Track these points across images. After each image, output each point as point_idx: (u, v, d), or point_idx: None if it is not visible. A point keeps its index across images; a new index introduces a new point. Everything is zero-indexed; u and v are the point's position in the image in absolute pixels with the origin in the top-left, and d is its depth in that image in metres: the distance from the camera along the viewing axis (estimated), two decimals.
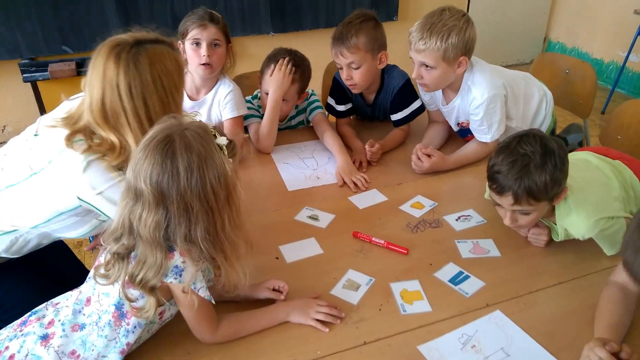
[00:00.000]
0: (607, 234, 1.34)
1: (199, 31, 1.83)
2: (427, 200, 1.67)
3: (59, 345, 1.03)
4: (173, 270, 1.00)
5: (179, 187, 0.96)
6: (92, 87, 1.23)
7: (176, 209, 0.97)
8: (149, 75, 1.22)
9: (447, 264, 1.38)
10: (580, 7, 4.83)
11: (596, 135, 3.66)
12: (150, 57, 1.23)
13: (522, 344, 1.13)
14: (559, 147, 1.27)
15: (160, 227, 0.98)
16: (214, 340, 1.13)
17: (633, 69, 4.39)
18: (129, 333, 1.05)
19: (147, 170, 0.96)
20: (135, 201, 0.99)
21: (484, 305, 1.24)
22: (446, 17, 1.64)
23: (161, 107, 1.24)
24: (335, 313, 1.20)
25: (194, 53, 1.86)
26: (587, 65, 2.36)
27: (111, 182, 1.24)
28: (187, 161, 0.96)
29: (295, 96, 2.02)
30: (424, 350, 1.12)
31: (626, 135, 1.99)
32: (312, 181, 1.80)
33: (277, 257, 1.42)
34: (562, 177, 1.26)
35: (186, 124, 1.02)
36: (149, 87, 1.22)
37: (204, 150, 0.98)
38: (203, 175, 0.97)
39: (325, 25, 4.06)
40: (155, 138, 0.98)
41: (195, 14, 1.86)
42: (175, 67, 1.28)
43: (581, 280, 1.32)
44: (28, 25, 3.36)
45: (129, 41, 1.23)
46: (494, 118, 1.79)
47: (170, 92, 1.27)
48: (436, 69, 1.69)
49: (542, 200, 1.26)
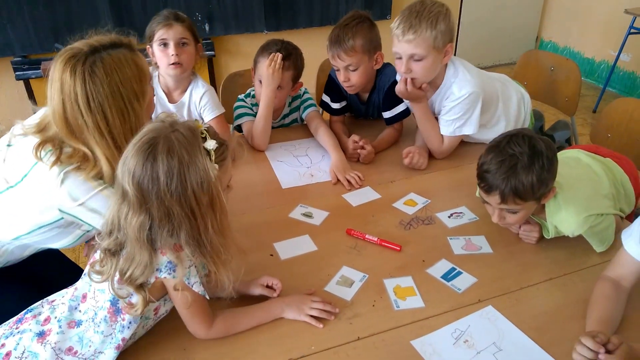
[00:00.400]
0: (596, 231, 1.36)
1: (165, 31, 1.83)
2: (419, 197, 1.68)
3: (56, 342, 1.03)
4: (167, 265, 1.01)
5: (159, 190, 0.96)
6: (52, 101, 1.20)
7: (157, 212, 0.97)
8: (107, 86, 1.18)
9: (440, 261, 1.39)
10: (572, 7, 4.87)
11: (587, 134, 3.71)
12: (106, 67, 1.19)
13: (514, 338, 1.15)
14: (547, 147, 1.28)
15: (144, 228, 0.98)
16: (209, 336, 1.14)
17: (624, 68, 4.43)
18: (124, 328, 1.05)
19: (131, 170, 0.96)
20: (122, 199, 0.99)
21: (476, 300, 1.26)
22: (429, 6, 1.67)
23: (121, 119, 1.21)
24: (329, 309, 1.21)
25: (162, 54, 1.85)
26: (572, 63, 2.38)
27: (91, 192, 1.22)
28: (167, 165, 0.95)
29: (289, 83, 2.01)
30: (417, 345, 1.14)
31: (616, 134, 2.02)
32: (306, 179, 1.81)
33: (271, 254, 1.43)
34: (549, 178, 1.28)
35: (176, 125, 1.00)
36: (107, 100, 1.19)
37: (187, 154, 0.97)
38: (184, 180, 0.96)
39: (319, 24, 4.07)
40: (142, 139, 0.98)
41: (160, 15, 1.87)
42: (134, 73, 1.24)
43: (572, 276, 1.34)
44: (20, 22, 3.34)
45: (84, 50, 1.19)
46: (464, 115, 1.81)
47: (130, 101, 1.22)
48: (426, 59, 1.69)
49: (528, 200, 1.28)
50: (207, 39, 3.84)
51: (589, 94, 4.52)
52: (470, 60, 1.91)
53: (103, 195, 1.23)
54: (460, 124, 1.83)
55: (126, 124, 1.22)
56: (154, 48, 1.87)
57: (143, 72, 1.27)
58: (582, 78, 2.28)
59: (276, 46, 1.94)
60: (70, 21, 3.44)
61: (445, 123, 1.85)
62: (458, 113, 1.81)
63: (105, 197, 1.22)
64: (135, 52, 1.28)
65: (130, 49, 1.27)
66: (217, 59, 3.99)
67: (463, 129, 1.84)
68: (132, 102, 1.23)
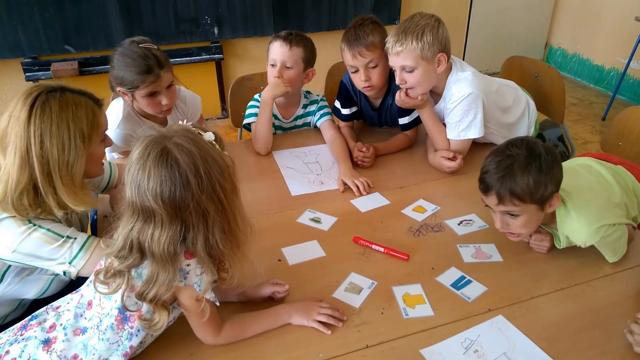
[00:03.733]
0: (608, 241, 1.34)
1: (155, 85, 1.72)
2: (429, 204, 1.67)
3: (62, 350, 1.03)
4: (179, 273, 1.00)
5: (194, 194, 0.95)
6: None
7: (194, 217, 0.96)
8: (55, 116, 1.17)
9: (449, 269, 1.38)
10: (581, 14, 4.84)
11: (597, 141, 3.69)
12: (62, 102, 1.19)
13: (524, 348, 1.14)
14: (547, 152, 1.27)
15: (176, 242, 0.97)
16: (217, 342, 1.13)
17: (634, 76, 4.40)
18: (132, 336, 1.05)
19: (155, 188, 0.93)
20: (144, 222, 0.97)
21: (486, 310, 1.24)
22: (417, 19, 1.74)
23: (59, 148, 1.17)
24: (338, 315, 1.20)
25: (150, 102, 1.76)
26: (553, 70, 2.34)
27: (20, 237, 1.19)
28: (192, 167, 0.94)
29: (299, 62, 1.96)
30: (426, 354, 1.12)
31: (627, 142, 2.00)
32: (316, 186, 1.80)
33: (279, 259, 1.42)
34: (548, 181, 1.26)
35: (169, 132, 0.99)
36: (50, 127, 1.16)
37: (201, 150, 0.97)
38: (210, 175, 0.96)
39: (327, 28, 4.07)
40: (150, 155, 0.95)
41: (138, 63, 1.67)
42: (89, 118, 1.22)
43: (583, 286, 1.32)
44: (31, 24, 3.37)
45: (52, 85, 1.21)
46: (465, 117, 1.81)
47: (74, 137, 1.19)
48: (417, 70, 1.74)
49: (527, 202, 1.26)
50: (215, 42, 3.85)
51: (598, 101, 4.50)
52: (478, 66, 1.91)
53: (35, 236, 1.21)
54: (464, 127, 1.82)
55: (64, 156, 1.18)
56: (137, 97, 1.75)
57: (98, 124, 1.26)
58: (592, 85, 2.25)
59: (285, 32, 1.94)
60: (80, 23, 3.46)
61: (450, 126, 1.86)
62: (459, 115, 1.81)
63: (35, 239, 1.20)
64: (100, 107, 1.28)
65: (97, 103, 1.27)
66: (225, 63, 4.00)
67: (468, 132, 1.83)
68: (76, 139, 1.19)
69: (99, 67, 3.54)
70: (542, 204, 1.29)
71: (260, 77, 2.47)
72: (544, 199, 1.28)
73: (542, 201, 1.28)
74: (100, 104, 1.29)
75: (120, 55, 1.71)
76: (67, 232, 1.24)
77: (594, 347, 1.14)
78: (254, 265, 1.11)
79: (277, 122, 2.15)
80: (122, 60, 1.70)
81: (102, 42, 3.55)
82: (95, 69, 3.55)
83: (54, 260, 1.23)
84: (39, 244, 1.21)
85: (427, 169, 1.88)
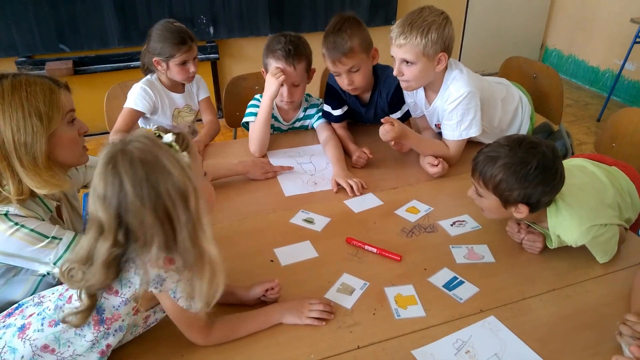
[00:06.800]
0: (599, 241, 1.34)
1: (188, 55, 2.07)
2: (422, 205, 1.67)
3: (35, 339, 1.02)
4: (155, 279, 0.99)
5: (127, 204, 0.92)
6: None
7: (136, 226, 0.93)
8: (7, 95, 1.14)
9: (442, 269, 1.38)
10: (577, 15, 4.86)
11: (591, 142, 3.70)
12: (15, 82, 1.16)
13: (516, 349, 1.14)
14: (541, 169, 1.26)
15: (111, 252, 0.95)
16: (208, 343, 1.13)
17: (629, 77, 4.41)
18: (109, 335, 1.04)
19: (101, 195, 0.92)
20: (98, 234, 0.95)
21: (478, 310, 1.24)
22: (426, 14, 1.70)
23: (14, 129, 1.14)
24: (329, 310, 1.21)
25: (181, 69, 2.10)
26: (552, 71, 2.35)
27: (2, 237, 1.18)
28: (133, 176, 0.91)
29: (304, 75, 1.97)
30: (418, 355, 1.12)
31: (621, 143, 2.00)
32: (309, 187, 1.80)
33: (271, 259, 1.42)
34: (517, 188, 1.28)
35: (129, 138, 0.96)
36: (3, 112, 1.13)
37: (152, 157, 0.93)
38: (155, 184, 0.92)
39: (323, 28, 3.99)
40: (102, 162, 0.93)
41: (176, 36, 2.03)
42: (46, 96, 1.18)
43: (575, 287, 1.32)
44: (25, 23, 3.35)
45: (10, 72, 1.18)
46: (466, 116, 1.81)
47: (30, 115, 1.15)
48: (416, 65, 1.73)
49: (489, 189, 1.32)
50: (211, 41, 3.84)
51: (593, 102, 4.51)
52: (474, 67, 1.91)
53: (15, 236, 1.19)
54: (466, 126, 1.83)
55: (19, 136, 1.14)
56: (171, 65, 2.09)
57: (57, 101, 1.20)
58: (587, 86, 2.26)
59: (280, 44, 1.90)
60: (75, 22, 3.45)
61: (450, 127, 1.85)
62: (460, 115, 1.81)
63: (18, 240, 1.19)
64: (60, 88, 1.23)
65: (57, 83, 1.23)
66: (221, 62, 3.99)
67: (470, 131, 1.84)
68: (32, 118, 1.15)
69: (93, 66, 3.53)
70: (504, 203, 1.33)
71: (256, 77, 2.47)
72: (507, 200, 1.31)
73: (505, 201, 1.32)
74: (61, 85, 1.24)
75: (160, 30, 2.04)
76: (52, 232, 1.23)
77: (585, 348, 1.14)
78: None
79: (277, 124, 2.15)
80: (161, 34, 2.04)
81: (96, 41, 3.54)
82: (89, 68, 3.53)
83: (38, 261, 1.22)
84: (22, 245, 1.19)
85: (420, 170, 1.88)
